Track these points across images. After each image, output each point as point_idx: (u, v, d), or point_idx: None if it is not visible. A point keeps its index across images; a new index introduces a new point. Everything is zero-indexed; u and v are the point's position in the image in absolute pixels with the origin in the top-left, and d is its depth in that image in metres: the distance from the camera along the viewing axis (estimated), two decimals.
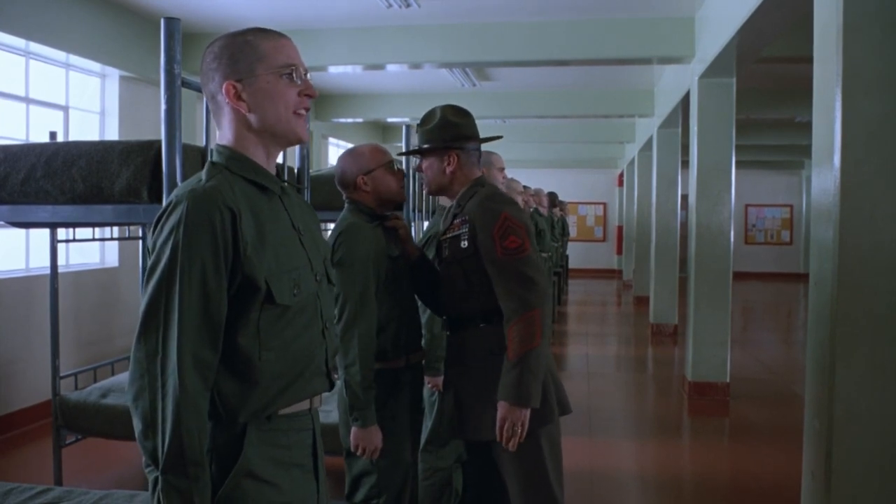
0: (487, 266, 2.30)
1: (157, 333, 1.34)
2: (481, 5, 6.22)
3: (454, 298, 2.42)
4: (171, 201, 1.40)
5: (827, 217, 2.77)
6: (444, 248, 2.45)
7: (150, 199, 2.32)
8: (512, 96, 10.24)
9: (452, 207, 2.48)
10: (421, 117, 2.50)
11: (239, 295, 1.41)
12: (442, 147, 2.44)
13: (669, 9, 6.24)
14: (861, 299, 2.68)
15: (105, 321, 6.26)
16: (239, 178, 1.48)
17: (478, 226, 2.32)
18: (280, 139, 1.53)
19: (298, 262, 1.52)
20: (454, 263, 2.39)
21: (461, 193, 2.45)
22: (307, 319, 1.52)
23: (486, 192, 2.41)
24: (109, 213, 2.40)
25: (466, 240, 2.35)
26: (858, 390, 2.68)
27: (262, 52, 1.48)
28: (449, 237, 2.42)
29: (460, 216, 2.40)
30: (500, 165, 4.70)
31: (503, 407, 2.22)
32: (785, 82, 8.82)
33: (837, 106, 2.68)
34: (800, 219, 18.77)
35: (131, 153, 2.35)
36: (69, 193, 2.42)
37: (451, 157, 2.43)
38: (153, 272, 1.36)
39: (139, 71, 6.48)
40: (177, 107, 1.99)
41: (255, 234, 1.43)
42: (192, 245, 1.35)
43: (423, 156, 2.48)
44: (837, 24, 2.68)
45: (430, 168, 2.46)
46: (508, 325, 2.25)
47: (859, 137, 2.66)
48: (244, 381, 1.42)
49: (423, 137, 2.46)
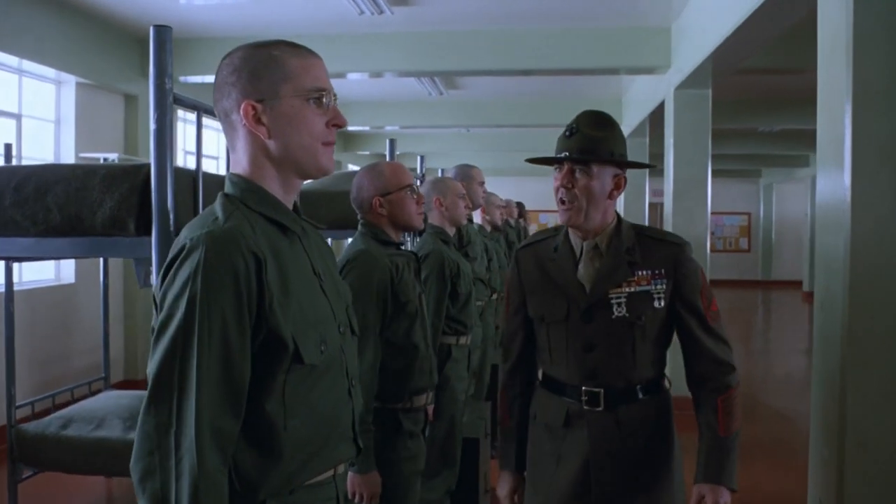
0: (687, 331, 1.98)
1: (170, 403, 1.14)
2: (455, 12, 6.08)
3: (617, 366, 1.98)
4: (183, 245, 1.20)
5: (836, 232, 2.67)
6: (613, 306, 1.96)
7: (138, 232, 2.04)
8: (478, 105, 10.12)
9: (611, 250, 1.99)
10: (584, 118, 1.96)
11: (262, 354, 1.22)
12: (626, 165, 1.98)
13: (645, 19, 6.18)
14: (874, 320, 2.59)
15: (62, 341, 5.95)
16: (257, 216, 1.28)
17: (686, 284, 1.96)
18: (302, 171, 1.34)
19: (323, 314, 1.33)
20: (631, 326, 1.95)
21: (616, 230, 2.00)
22: (333, 378, 1.34)
23: (668, 238, 2.02)
24: (89, 246, 2.12)
25: (663, 298, 1.96)
26: (872, 418, 2.58)
27: (290, 71, 1.29)
28: (628, 292, 1.95)
29: (645, 266, 1.96)
30: (480, 179, 4.56)
31: (714, 491, 1.92)
32: (749, 93, 8.85)
33: (847, 118, 2.59)
34: (757, 226, 19.05)
35: (115, 178, 2.07)
36: (42, 224, 2.13)
37: (621, 179, 1.98)
38: (164, 330, 1.16)
39: (97, 78, 6.19)
40: (168, 126, 1.77)
41: (280, 284, 1.24)
42: (211, 298, 1.16)
43: (589, 168, 1.92)
44: (847, 37, 2.59)
45: (594, 187, 1.91)
46: (717, 395, 1.97)
47: (870, 151, 2.58)
48: (266, 452, 1.23)
49: (601, 144, 1.92)
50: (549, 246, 2.07)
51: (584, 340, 1.97)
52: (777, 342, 11.42)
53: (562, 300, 1.99)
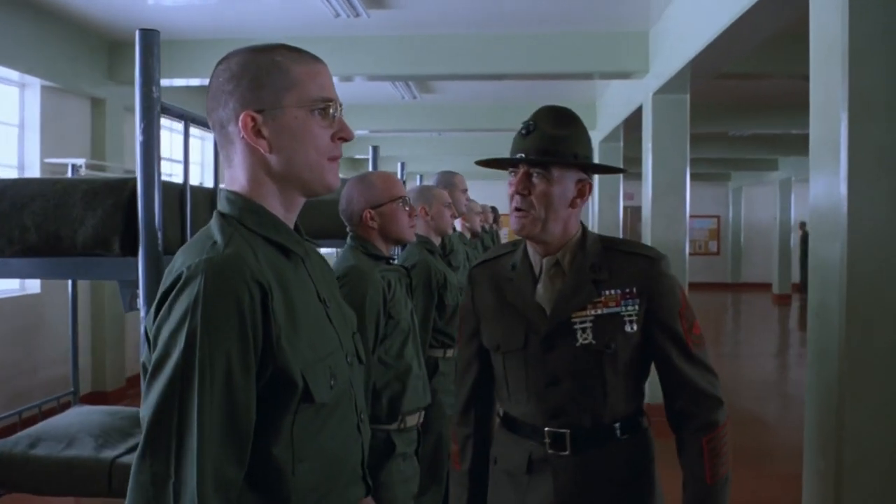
0: (665, 360, 1.70)
1: (168, 451, 1.02)
2: (432, 16, 5.99)
3: (585, 402, 1.70)
4: (179, 274, 1.08)
5: (831, 240, 2.63)
6: (577, 332, 1.67)
7: (124, 252, 1.87)
8: (451, 109, 10.05)
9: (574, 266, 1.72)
10: (544, 113, 1.72)
11: (268, 395, 1.11)
12: (592, 169, 1.74)
13: (623, 23, 6.14)
14: (872, 331, 2.55)
15: (27, 352, 5.75)
16: (258, 238, 1.16)
17: (662, 304, 1.68)
18: (306, 189, 1.22)
19: (331, 345, 1.22)
20: (600, 354, 1.67)
21: (580, 243, 1.74)
22: (342, 414, 1.23)
23: (640, 251, 1.74)
24: (70, 267, 1.96)
25: (635, 322, 1.67)
26: (871, 430, 2.54)
27: (294, 79, 1.17)
28: (594, 315, 1.67)
29: (614, 285, 1.68)
30: (463, 187, 4.49)
31: None
32: (721, 97, 8.89)
33: (843, 125, 2.55)
34: (727, 229, 19.24)
35: (98, 194, 1.90)
36: (18, 244, 1.94)
37: (586, 186, 1.72)
38: (160, 370, 1.05)
39: (63, 81, 6.00)
40: (156, 137, 1.63)
41: (287, 315, 1.13)
42: (213, 334, 1.04)
43: (548, 172, 1.67)
44: (843, 43, 2.56)
45: (554, 193, 1.67)
46: (702, 435, 1.68)
47: (867, 160, 2.54)
48: (272, 499, 1.12)
49: (562, 144, 1.66)
50: (507, 263, 1.80)
51: (545, 373, 1.69)
52: (747, 345, 11.50)
53: (519, 326, 1.71)
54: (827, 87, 2.69)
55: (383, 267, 2.23)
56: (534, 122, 1.68)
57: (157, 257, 1.74)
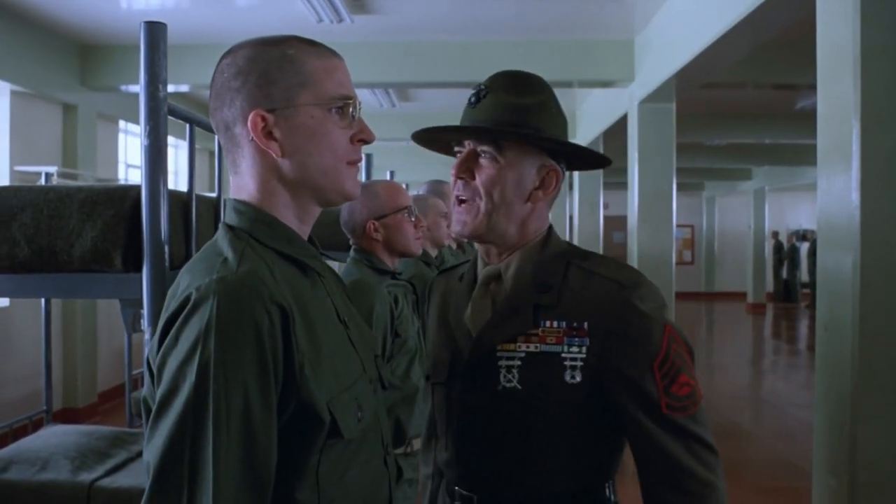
0: (633, 423, 1.23)
1: (178, 499, 0.89)
2: (416, 22, 5.91)
3: (504, 465, 1.27)
4: (187, 296, 0.94)
5: (843, 250, 2.56)
6: (501, 370, 1.26)
7: (126, 268, 1.69)
8: (428, 118, 9.93)
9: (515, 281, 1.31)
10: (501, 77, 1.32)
11: (291, 432, 0.97)
12: (562, 151, 1.32)
13: (607, 32, 6.10)
14: (886, 344, 2.48)
15: None
16: (272, 253, 1.04)
17: (624, 351, 1.22)
18: (322, 197, 1.10)
19: (356, 372, 1.09)
20: (526, 405, 1.24)
21: (538, 251, 1.31)
22: (370, 449, 1.10)
23: (610, 273, 1.26)
24: (66, 284, 1.75)
25: (579, 370, 1.23)
26: (886, 447, 2.47)
27: (308, 75, 1.05)
28: (525, 352, 1.25)
29: (559, 315, 1.24)
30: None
31: None
32: (698, 107, 8.90)
33: (855, 133, 2.50)
34: (700, 239, 19.35)
35: (97, 204, 1.71)
36: (7, 260, 1.75)
37: (551, 175, 1.30)
38: (167, 407, 0.91)
39: (33, 86, 5.80)
40: (163, 142, 1.48)
41: (309, 341, 0.99)
42: (228, 364, 0.90)
43: (499, 151, 1.26)
44: (853, 53, 2.51)
45: (505, 179, 1.26)
46: None
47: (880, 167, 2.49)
48: None
49: (522, 116, 1.26)
50: (460, 273, 1.44)
51: (462, 416, 1.30)
52: (723, 354, 11.53)
53: (447, 354, 1.35)
54: (836, 94, 2.64)
55: (389, 282, 2.11)
56: (486, 86, 1.29)
57: (164, 273, 1.59)
